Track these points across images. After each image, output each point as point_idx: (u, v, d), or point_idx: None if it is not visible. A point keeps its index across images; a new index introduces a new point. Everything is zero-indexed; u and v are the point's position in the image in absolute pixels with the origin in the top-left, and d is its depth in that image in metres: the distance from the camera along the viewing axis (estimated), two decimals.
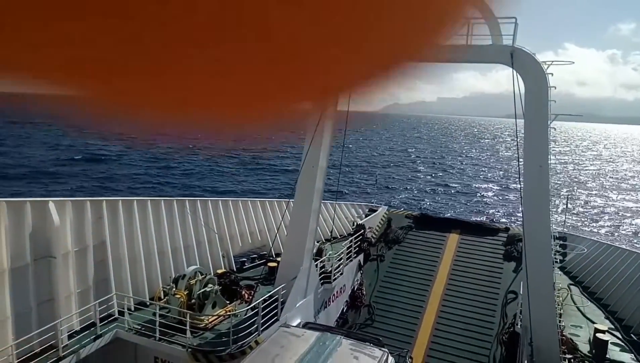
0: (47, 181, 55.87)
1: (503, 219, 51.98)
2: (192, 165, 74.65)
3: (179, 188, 59.78)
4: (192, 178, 67.07)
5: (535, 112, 13.78)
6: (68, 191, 50.97)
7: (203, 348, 13.54)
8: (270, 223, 23.91)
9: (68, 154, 76.08)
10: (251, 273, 20.42)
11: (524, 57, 13.85)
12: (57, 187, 52.58)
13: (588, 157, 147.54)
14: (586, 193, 75.97)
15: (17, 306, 12.71)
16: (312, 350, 11.55)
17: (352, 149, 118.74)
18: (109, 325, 14.30)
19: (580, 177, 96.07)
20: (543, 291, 13.87)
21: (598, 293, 20.17)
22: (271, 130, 1.67)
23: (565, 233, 26.13)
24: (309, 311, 17.34)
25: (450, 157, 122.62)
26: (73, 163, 69.88)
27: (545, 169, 13.79)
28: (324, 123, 15.99)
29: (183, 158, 77.69)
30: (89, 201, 15.61)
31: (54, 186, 53.30)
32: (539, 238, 13.99)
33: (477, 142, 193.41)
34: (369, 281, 21.92)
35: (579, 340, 16.04)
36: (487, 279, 21.18)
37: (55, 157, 72.63)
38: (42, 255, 13.67)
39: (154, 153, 76.83)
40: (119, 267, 16.11)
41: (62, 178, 58.56)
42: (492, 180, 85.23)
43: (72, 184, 55.98)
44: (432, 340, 18.40)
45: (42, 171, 61.13)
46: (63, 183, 55.88)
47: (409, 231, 25.27)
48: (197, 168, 73.53)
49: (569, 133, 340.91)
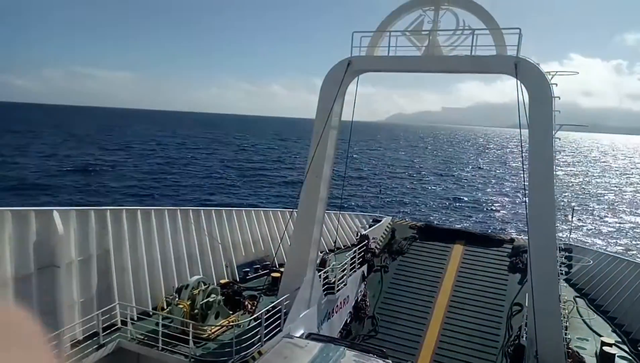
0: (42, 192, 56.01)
1: (509, 230, 51.69)
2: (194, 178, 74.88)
3: (183, 200, 59.87)
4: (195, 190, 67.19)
5: (540, 122, 13.75)
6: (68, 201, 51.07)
7: (206, 359, 13.48)
8: (273, 232, 23.88)
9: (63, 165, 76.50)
10: (254, 283, 20.35)
11: (528, 67, 13.86)
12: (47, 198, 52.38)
13: (594, 167, 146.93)
14: (592, 204, 75.51)
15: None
16: (315, 361, 11.46)
17: (356, 159, 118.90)
18: (112, 335, 14.27)
19: (587, 187, 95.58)
20: (548, 303, 13.73)
21: (604, 305, 19.95)
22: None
23: (570, 244, 25.93)
24: (312, 322, 17.22)
25: (455, 167, 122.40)
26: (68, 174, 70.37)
27: (550, 180, 13.73)
28: (328, 133, 16.02)
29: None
30: (93, 211, 15.66)
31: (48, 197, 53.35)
32: (544, 250, 13.88)
33: (482, 152, 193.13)
34: (373, 292, 21.78)
35: (585, 353, 15.83)
36: (492, 291, 20.99)
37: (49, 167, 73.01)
38: (46, 264, 13.69)
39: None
40: (122, 277, 16.11)
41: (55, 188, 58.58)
42: (497, 191, 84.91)
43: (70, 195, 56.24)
44: (437, 352, 18.20)
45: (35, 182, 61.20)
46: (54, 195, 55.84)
47: (413, 241, 25.15)
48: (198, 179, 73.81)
49: (578, 143, 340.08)
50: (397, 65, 15.91)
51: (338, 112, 16.49)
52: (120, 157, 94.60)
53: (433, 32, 15.20)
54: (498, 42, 14.46)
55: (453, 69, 15.82)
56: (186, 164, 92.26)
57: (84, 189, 59.42)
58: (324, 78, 16.37)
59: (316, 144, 15.94)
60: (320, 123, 15.91)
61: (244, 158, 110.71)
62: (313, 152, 16.02)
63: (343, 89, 16.03)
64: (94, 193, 57.78)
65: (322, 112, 15.97)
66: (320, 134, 15.82)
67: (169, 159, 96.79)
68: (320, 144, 15.90)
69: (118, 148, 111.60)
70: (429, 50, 15.23)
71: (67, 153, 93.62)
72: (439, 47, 15.19)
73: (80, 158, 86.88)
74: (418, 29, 15.47)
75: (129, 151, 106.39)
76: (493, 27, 14.57)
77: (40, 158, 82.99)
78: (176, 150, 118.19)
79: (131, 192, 60.46)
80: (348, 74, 15.74)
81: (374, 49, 15.98)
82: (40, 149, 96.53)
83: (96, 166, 78.52)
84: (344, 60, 15.85)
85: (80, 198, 53.69)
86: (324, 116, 15.84)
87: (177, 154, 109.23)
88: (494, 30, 14.52)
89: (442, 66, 15.50)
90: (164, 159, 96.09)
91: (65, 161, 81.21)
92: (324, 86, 16.23)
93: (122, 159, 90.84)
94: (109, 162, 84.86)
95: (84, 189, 59.35)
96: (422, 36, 15.39)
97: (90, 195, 56.46)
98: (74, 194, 56.40)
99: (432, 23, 15.24)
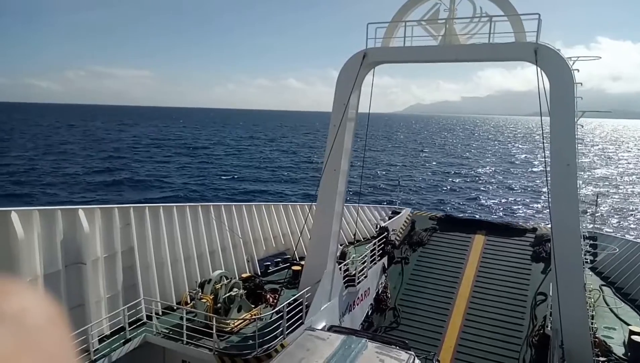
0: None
1: (534, 219, 50.86)
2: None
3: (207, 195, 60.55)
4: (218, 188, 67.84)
5: (561, 109, 13.48)
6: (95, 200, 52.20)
7: (230, 352, 13.69)
8: (293, 226, 24.01)
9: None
10: (275, 276, 20.53)
11: (549, 53, 13.56)
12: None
13: (619, 154, 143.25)
14: (618, 191, 73.71)
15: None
16: (337, 354, 11.52)
17: (374, 151, 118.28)
18: (138, 330, 14.59)
19: (612, 174, 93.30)
20: (573, 292, 13.51)
21: (632, 294, 19.53)
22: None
23: (595, 232, 25.41)
24: (333, 315, 17.31)
25: (475, 157, 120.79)
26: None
27: (573, 168, 13.46)
28: (345, 126, 15.99)
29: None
30: (117, 208, 15.98)
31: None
32: (567, 238, 13.64)
33: (502, 141, 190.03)
34: (394, 284, 21.74)
35: (613, 343, 15.56)
36: (515, 280, 20.75)
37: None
38: (73, 261, 14.06)
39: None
40: (146, 272, 16.43)
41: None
42: (519, 179, 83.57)
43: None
44: (460, 343, 18.10)
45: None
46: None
47: (433, 232, 24.99)
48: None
49: (603, 128, 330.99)
50: (413, 55, 15.74)
51: (355, 105, 16.42)
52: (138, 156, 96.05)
53: (449, 20, 14.97)
54: (517, 28, 14.17)
55: (471, 58, 15.58)
56: (201, 161, 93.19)
57: (106, 187, 60.73)
58: (339, 71, 16.32)
59: (333, 138, 15.93)
60: (337, 116, 15.88)
61: (261, 152, 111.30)
62: (330, 145, 16.01)
63: (359, 82, 15.94)
64: (115, 191, 58.98)
65: (338, 106, 15.93)
66: (337, 128, 15.80)
67: (185, 156, 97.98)
68: (337, 138, 15.89)
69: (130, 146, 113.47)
70: (446, 39, 15.01)
71: (87, 152, 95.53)
72: (455, 35, 14.96)
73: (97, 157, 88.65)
74: (434, 18, 15.25)
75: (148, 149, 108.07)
76: (511, 14, 14.28)
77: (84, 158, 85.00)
78: (189, 147, 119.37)
79: (154, 191, 61.52)
80: (364, 66, 15.64)
81: (389, 40, 15.83)
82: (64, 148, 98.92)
83: (115, 164, 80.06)
84: (359, 52, 15.75)
85: (104, 195, 55.00)
86: (340, 109, 15.80)
87: (191, 151, 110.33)
88: (512, 17, 14.24)
89: (460, 55, 15.27)
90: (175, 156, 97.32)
91: (87, 160, 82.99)
92: (339, 79, 16.18)
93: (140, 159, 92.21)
94: (125, 160, 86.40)
95: (105, 187, 60.66)
96: (439, 25, 15.17)
97: (112, 193, 57.68)
98: (97, 191, 57.78)
99: (449, 11, 15.00)
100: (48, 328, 0.80)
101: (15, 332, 0.70)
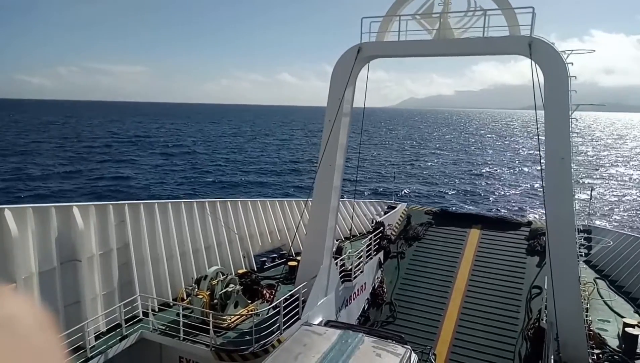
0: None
1: (528, 213, 51.11)
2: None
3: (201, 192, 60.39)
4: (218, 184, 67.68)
5: (556, 103, 13.50)
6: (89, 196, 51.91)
7: (226, 348, 13.70)
8: (289, 222, 24.01)
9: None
10: (272, 272, 20.54)
11: (543, 47, 13.56)
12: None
13: (613, 147, 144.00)
14: (612, 184, 74.16)
15: (44, 309, 13.02)
16: (334, 348, 11.55)
17: (369, 146, 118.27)
18: (134, 326, 14.58)
19: (606, 167, 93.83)
20: (568, 285, 13.60)
21: (626, 286, 19.69)
22: None
23: (589, 225, 25.56)
24: (330, 310, 17.35)
25: (469, 150, 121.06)
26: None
27: (567, 161, 13.51)
28: (340, 121, 15.96)
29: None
30: (112, 205, 15.91)
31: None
32: (562, 232, 13.72)
33: (496, 135, 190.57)
34: (390, 278, 21.81)
35: (607, 335, 15.69)
36: (510, 274, 20.87)
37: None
38: (68, 258, 14.01)
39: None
40: (142, 269, 16.40)
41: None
42: (513, 173, 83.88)
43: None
44: (456, 337, 18.21)
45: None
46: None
47: (429, 227, 25.07)
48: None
49: (599, 122, 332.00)
50: (408, 50, 15.70)
51: (349, 100, 16.38)
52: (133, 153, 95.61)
53: (444, 14, 14.93)
54: (511, 22, 14.16)
55: (465, 52, 15.56)
56: (197, 157, 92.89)
57: (101, 184, 60.39)
58: (334, 66, 16.26)
59: (328, 133, 15.90)
60: (332, 111, 15.84)
61: (255, 148, 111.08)
62: (325, 140, 15.98)
63: (354, 76, 15.90)
64: (110, 189, 58.65)
65: (333, 100, 15.88)
66: (332, 123, 15.76)
67: (182, 152, 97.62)
68: (332, 133, 15.85)
69: (127, 140, 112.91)
70: (440, 33, 14.98)
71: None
72: (450, 29, 14.93)
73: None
74: (428, 11, 15.20)
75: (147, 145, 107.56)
76: (505, 7, 14.27)
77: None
78: (186, 143, 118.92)
79: (148, 186, 61.26)
80: (358, 61, 15.59)
81: (384, 35, 15.78)
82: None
83: (111, 160, 79.62)
84: (353, 47, 15.69)
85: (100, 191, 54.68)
86: (335, 104, 15.76)
87: (189, 148, 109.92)
88: (506, 10, 14.21)
89: (454, 49, 15.25)
90: (172, 152, 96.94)
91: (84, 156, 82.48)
92: (334, 74, 16.12)
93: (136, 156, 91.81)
94: (126, 155, 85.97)
95: (100, 184, 60.32)
96: (433, 19, 15.13)
97: (107, 190, 57.35)
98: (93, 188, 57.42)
99: (443, 5, 14.97)
100: (35, 334, 0.79)
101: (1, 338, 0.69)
